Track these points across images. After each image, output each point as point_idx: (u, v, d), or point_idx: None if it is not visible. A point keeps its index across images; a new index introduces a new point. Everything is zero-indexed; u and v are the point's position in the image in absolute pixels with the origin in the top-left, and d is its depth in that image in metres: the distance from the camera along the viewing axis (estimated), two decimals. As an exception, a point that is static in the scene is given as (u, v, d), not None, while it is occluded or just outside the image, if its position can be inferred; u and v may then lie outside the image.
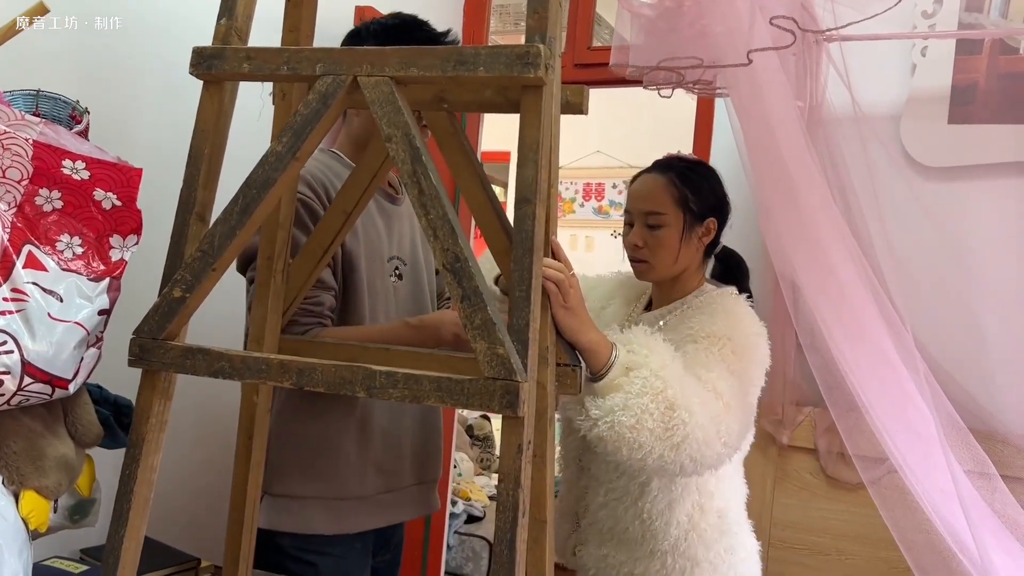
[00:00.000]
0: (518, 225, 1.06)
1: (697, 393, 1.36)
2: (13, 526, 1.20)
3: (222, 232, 1.12)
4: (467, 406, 1.04)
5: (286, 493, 1.61)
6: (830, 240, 1.57)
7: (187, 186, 1.20)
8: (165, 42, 1.95)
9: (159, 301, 1.16)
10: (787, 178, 1.56)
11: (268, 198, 1.13)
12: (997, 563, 1.43)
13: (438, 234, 1.05)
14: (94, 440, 1.36)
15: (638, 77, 1.83)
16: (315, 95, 1.11)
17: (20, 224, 1.20)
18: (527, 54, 1.04)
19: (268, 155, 1.13)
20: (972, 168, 2.22)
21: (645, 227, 1.56)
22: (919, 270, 2.12)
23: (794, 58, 1.91)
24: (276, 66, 1.14)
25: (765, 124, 1.59)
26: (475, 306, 1.02)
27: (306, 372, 1.10)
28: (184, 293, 1.14)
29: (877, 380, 1.53)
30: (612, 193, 6.00)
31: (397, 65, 1.09)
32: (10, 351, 1.13)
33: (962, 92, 2.22)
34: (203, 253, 1.13)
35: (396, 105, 1.08)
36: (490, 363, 1.01)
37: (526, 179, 1.06)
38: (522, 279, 1.04)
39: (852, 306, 1.55)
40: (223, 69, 1.18)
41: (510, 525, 1.01)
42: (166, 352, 1.15)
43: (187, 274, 1.14)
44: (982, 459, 1.56)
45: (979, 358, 2.10)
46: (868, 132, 2.09)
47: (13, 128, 1.20)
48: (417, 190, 1.06)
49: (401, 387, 1.06)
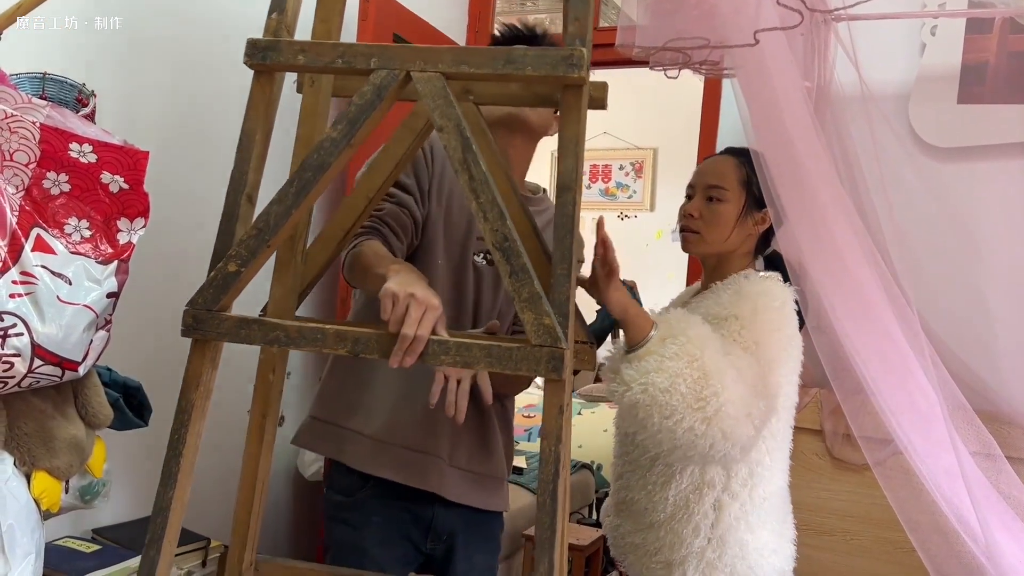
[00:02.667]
0: (560, 210, 1.17)
1: (730, 371, 1.37)
2: (25, 506, 1.22)
3: (277, 212, 1.21)
4: (515, 370, 1.15)
5: (323, 417, 1.71)
6: (837, 222, 1.56)
7: (238, 168, 1.28)
8: (173, 25, 1.95)
9: (213, 275, 1.22)
10: (794, 159, 1.56)
11: (322, 181, 1.21)
12: (1001, 543, 1.43)
13: (488, 216, 1.17)
14: (104, 421, 1.38)
15: (644, 58, 1.82)
16: (370, 87, 1.20)
17: (28, 207, 1.21)
18: (571, 56, 1.15)
19: (324, 141, 1.21)
20: (981, 148, 2.21)
21: (705, 200, 1.60)
22: (926, 252, 2.11)
23: (802, 38, 1.90)
24: (331, 59, 1.22)
25: (772, 105, 1.58)
26: (522, 281, 1.15)
27: (361, 340, 1.20)
28: (239, 267, 1.21)
29: (883, 362, 1.52)
30: (619, 175, 5.98)
31: (450, 62, 1.19)
32: (20, 333, 1.14)
33: (972, 71, 2.20)
34: (259, 231, 1.21)
35: (448, 98, 1.18)
36: (537, 332, 1.13)
37: (567, 169, 1.18)
38: (563, 257, 1.16)
39: (858, 287, 1.55)
40: (277, 60, 1.26)
41: (552, 477, 1.13)
42: (220, 323, 1.22)
43: (242, 250, 1.21)
44: (988, 440, 1.56)
45: (986, 339, 2.09)
46: (876, 112, 2.07)
47: (20, 111, 1.21)
48: (468, 176, 1.17)
49: (453, 354, 1.18)
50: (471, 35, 3.10)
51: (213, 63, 2.07)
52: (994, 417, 1.86)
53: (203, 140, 2.07)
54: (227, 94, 2.13)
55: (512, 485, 3.82)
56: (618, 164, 5.94)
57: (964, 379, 1.66)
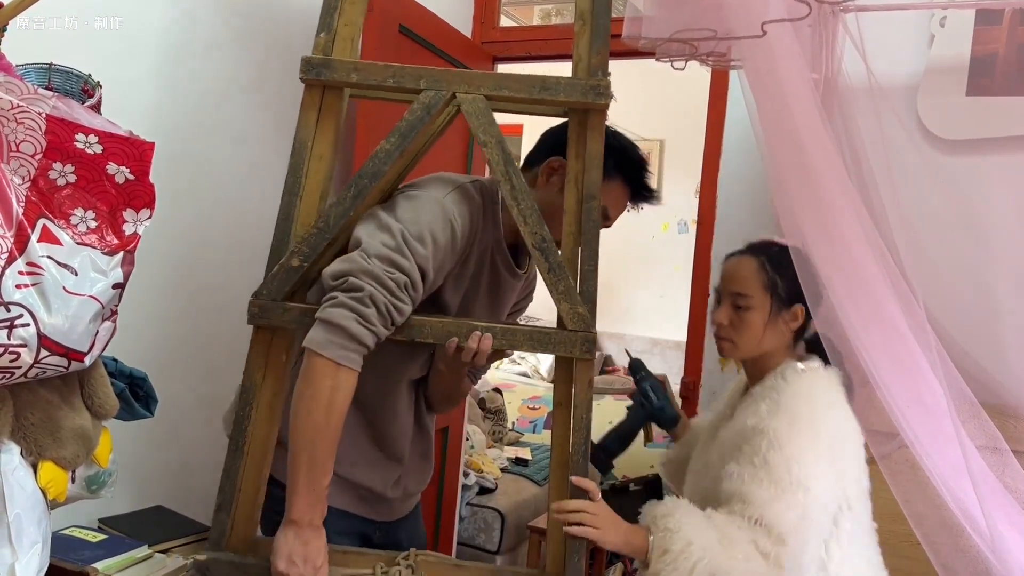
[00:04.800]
0: (587, 216, 1.39)
1: (736, 554, 1.36)
2: (32, 496, 1.22)
3: (336, 213, 1.37)
4: (553, 351, 1.39)
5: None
6: (843, 214, 1.56)
7: (292, 174, 1.43)
8: (174, 16, 1.94)
9: (277, 269, 1.37)
10: (801, 152, 1.55)
11: (377, 187, 1.39)
12: (1007, 538, 1.43)
13: (527, 220, 1.37)
14: (110, 412, 1.38)
15: (651, 49, 1.81)
16: (419, 106, 1.37)
17: (34, 198, 1.21)
18: (599, 86, 1.38)
19: (379, 152, 1.37)
20: (990, 141, 2.19)
21: (732, 307, 1.56)
22: (934, 245, 2.10)
23: (809, 29, 1.89)
24: (383, 79, 1.39)
25: (779, 97, 1.57)
26: (559, 276, 1.37)
27: (416, 327, 1.38)
28: (302, 263, 1.36)
29: (889, 355, 1.52)
30: (625, 166, 5.95)
31: (491, 86, 1.38)
32: (26, 324, 1.14)
33: (981, 63, 2.18)
34: (319, 230, 1.37)
35: (490, 117, 1.37)
36: (572, 319, 1.37)
37: (592, 181, 1.39)
38: (591, 256, 1.39)
39: (865, 280, 1.54)
40: (331, 78, 1.40)
41: (584, 440, 1.39)
42: (285, 311, 1.38)
43: (305, 247, 1.37)
44: (994, 434, 1.56)
45: (993, 332, 2.08)
46: (884, 104, 2.06)
47: (26, 102, 1.21)
48: (509, 186, 1.37)
49: (499, 338, 1.39)
50: (476, 26, 3.09)
51: (212, 55, 2.07)
52: (1001, 410, 1.85)
53: (205, 133, 2.07)
54: (233, 85, 2.13)
55: (517, 477, 3.85)
56: (624, 156, 5.92)
57: (971, 372, 1.66)
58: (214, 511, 1.42)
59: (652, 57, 1.86)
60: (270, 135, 2.26)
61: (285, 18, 2.26)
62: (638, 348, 5.95)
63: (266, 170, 2.26)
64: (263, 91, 2.22)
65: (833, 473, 1.43)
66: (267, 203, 2.28)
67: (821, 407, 1.47)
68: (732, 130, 2.62)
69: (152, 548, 1.69)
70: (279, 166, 2.42)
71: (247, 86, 2.17)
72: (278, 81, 2.22)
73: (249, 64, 2.17)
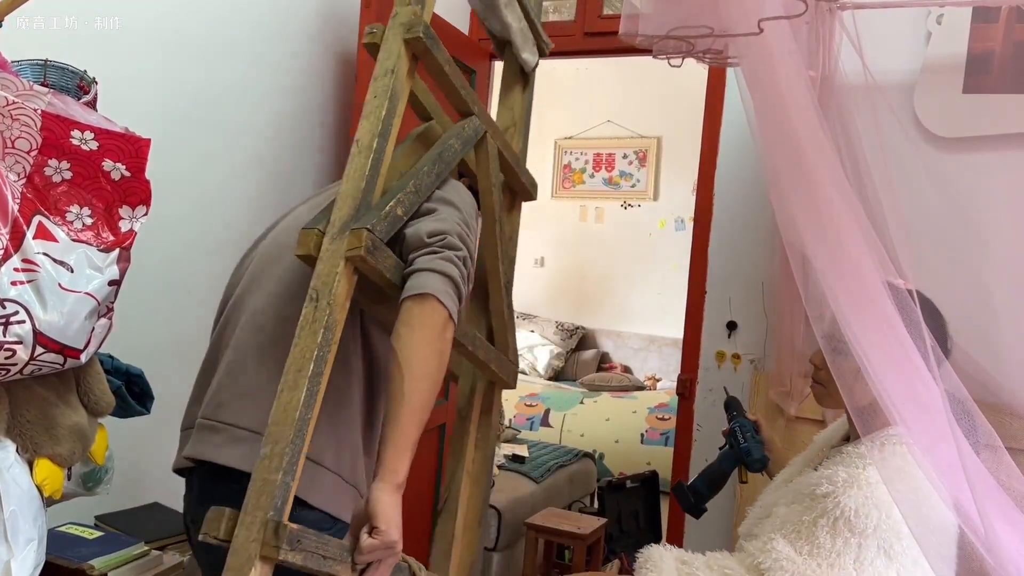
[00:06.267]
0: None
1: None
2: (28, 493, 1.22)
3: (428, 182, 1.42)
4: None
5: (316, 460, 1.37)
6: (840, 212, 1.56)
7: (381, 136, 1.39)
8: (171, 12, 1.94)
9: (386, 211, 1.31)
10: (798, 149, 1.55)
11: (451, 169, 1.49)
12: (1002, 536, 1.43)
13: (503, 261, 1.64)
14: (106, 409, 1.38)
15: (648, 46, 1.81)
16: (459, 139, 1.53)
17: (30, 195, 1.21)
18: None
19: (445, 151, 1.48)
20: (987, 139, 2.19)
21: (830, 349, 1.47)
22: (930, 242, 2.10)
23: (806, 27, 1.89)
24: (459, 84, 1.52)
25: (776, 94, 1.57)
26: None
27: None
28: (404, 214, 1.34)
29: (884, 352, 1.52)
30: (623, 163, 5.95)
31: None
32: (22, 321, 1.14)
33: (978, 61, 2.19)
34: (416, 191, 1.38)
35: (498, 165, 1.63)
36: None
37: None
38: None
39: (861, 278, 1.54)
40: (435, 51, 1.44)
41: None
42: (387, 257, 1.30)
43: (404, 202, 1.35)
44: (989, 432, 1.56)
45: (989, 330, 2.08)
46: (881, 102, 2.06)
47: (21, 98, 1.20)
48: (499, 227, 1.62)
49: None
50: (474, 23, 3.09)
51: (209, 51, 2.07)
52: (996, 408, 1.86)
53: (201, 130, 2.07)
54: (227, 82, 2.13)
55: (513, 473, 3.85)
56: (622, 153, 5.92)
57: (967, 369, 1.66)
58: (281, 475, 1.09)
59: (649, 54, 1.85)
60: (265, 131, 2.26)
61: (280, 17, 2.26)
62: (635, 345, 5.95)
63: (261, 167, 2.26)
64: (259, 88, 2.22)
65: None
66: (263, 199, 2.29)
67: (875, 493, 1.41)
68: (729, 127, 2.63)
69: (148, 545, 1.68)
70: (274, 163, 2.43)
71: (243, 83, 2.17)
72: (273, 79, 2.22)
73: (246, 62, 2.17)
